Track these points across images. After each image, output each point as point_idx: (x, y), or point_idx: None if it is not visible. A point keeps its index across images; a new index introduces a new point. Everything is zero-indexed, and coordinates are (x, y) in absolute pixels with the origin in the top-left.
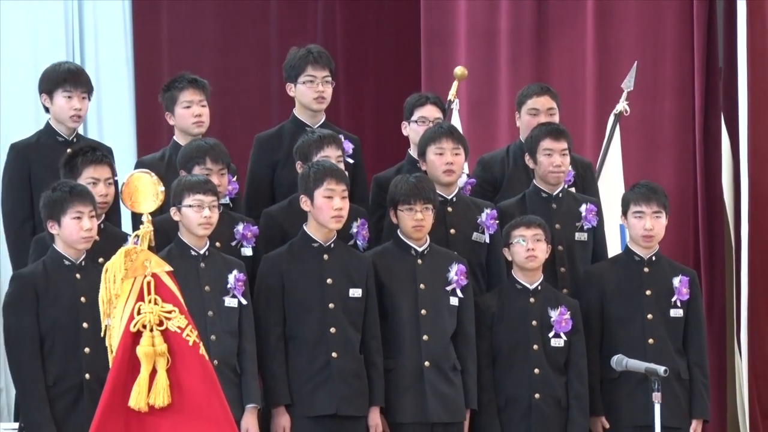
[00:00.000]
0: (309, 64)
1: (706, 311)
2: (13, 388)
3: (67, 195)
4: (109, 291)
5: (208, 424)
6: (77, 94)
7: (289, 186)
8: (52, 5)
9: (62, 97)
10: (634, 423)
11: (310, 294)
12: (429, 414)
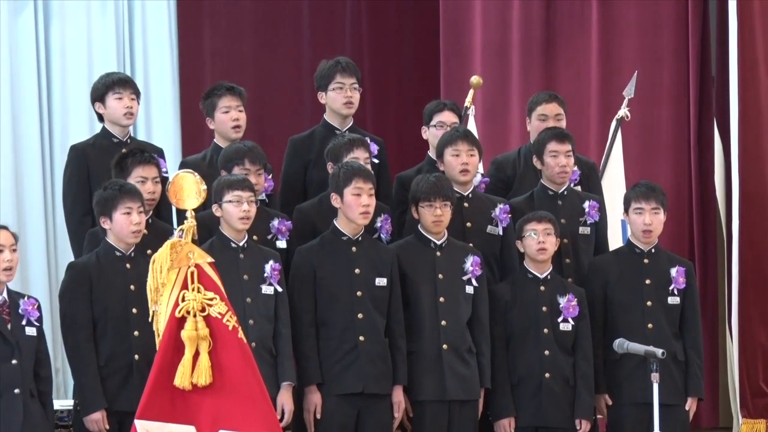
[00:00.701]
0: (338, 73)
1: (700, 299)
2: (69, 369)
3: (117, 193)
4: (156, 280)
5: (246, 401)
6: (127, 95)
7: (320, 184)
8: (104, 22)
9: (114, 99)
10: (635, 400)
11: (339, 283)
12: (447, 392)
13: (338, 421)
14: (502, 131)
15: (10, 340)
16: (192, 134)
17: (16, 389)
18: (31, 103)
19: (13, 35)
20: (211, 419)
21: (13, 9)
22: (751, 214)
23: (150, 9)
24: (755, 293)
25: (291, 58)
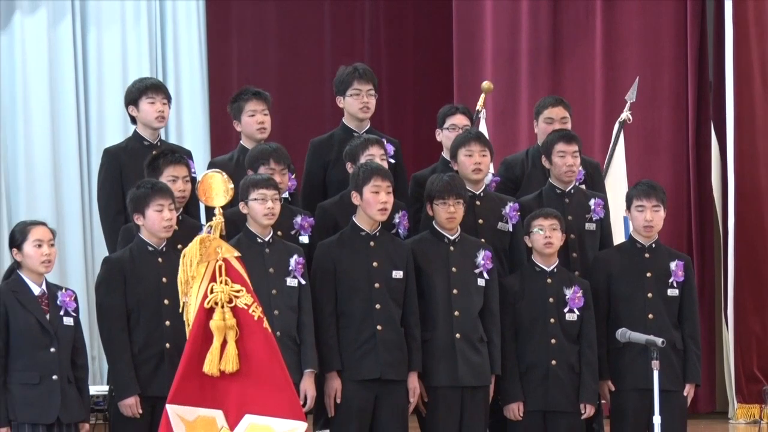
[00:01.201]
0: (355, 80)
1: (698, 291)
2: (104, 356)
3: (149, 191)
4: (186, 273)
5: (271, 387)
6: (159, 99)
7: (339, 183)
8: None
9: (146, 103)
10: (636, 386)
11: (358, 275)
12: (460, 379)
13: (357, 406)
14: (512, 133)
15: (48, 329)
16: (220, 136)
17: (55, 375)
18: (69, 107)
19: (52, 42)
20: (237, 404)
21: (52, 17)
22: (746, 211)
23: (181, 18)
24: (749, 286)
25: (312, 65)
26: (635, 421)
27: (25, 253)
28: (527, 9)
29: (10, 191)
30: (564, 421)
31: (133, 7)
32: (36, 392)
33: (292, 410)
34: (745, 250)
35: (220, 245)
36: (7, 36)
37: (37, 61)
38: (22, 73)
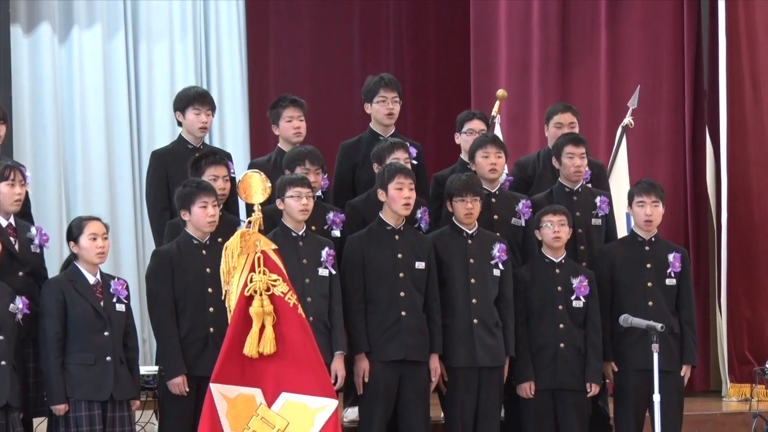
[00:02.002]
0: (381, 88)
1: (694, 280)
2: (154, 339)
3: (195, 189)
4: (228, 264)
5: (305, 367)
6: (204, 111)
7: (366, 182)
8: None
9: (192, 114)
10: (637, 367)
11: (384, 266)
12: (477, 360)
13: (383, 384)
14: (524, 137)
15: (102, 315)
16: (259, 139)
17: (108, 357)
18: (122, 113)
19: (107, 54)
20: (274, 383)
21: (107, 32)
22: (738, 208)
23: (223, 32)
24: (741, 275)
25: (342, 75)
26: (637, 399)
27: (81, 245)
28: (538, 24)
29: (68, 189)
30: (571, 399)
31: (180, 22)
32: (91, 372)
33: (324, 388)
34: (737, 243)
35: (259, 239)
36: (66, 48)
37: (93, 71)
38: (79, 81)
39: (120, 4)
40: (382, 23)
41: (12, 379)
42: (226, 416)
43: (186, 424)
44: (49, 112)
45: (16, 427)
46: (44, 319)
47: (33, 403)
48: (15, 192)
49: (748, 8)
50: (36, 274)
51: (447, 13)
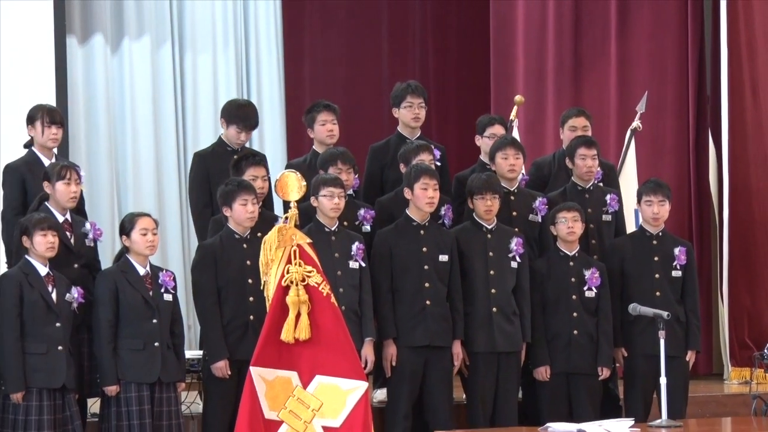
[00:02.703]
0: (408, 94)
1: (698, 272)
2: (198, 326)
3: (236, 188)
4: (266, 256)
5: (337, 352)
6: (245, 132)
7: (394, 182)
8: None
9: (234, 131)
10: (645, 352)
11: (411, 259)
12: (496, 345)
13: (409, 368)
14: (540, 139)
15: (151, 304)
16: (295, 142)
17: (156, 342)
18: (168, 117)
19: (155, 63)
20: (309, 366)
21: (155, 42)
22: (738, 205)
23: (262, 43)
24: (741, 267)
25: (372, 82)
26: (645, 382)
27: (132, 239)
28: (553, 35)
29: (119, 187)
30: (584, 382)
31: (222, 34)
32: (140, 356)
33: (355, 372)
34: (738, 237)
35: (295, 233)
36: (118, 58)
37: (142, 78)
38: (130, 88)
39: (167, 16)
40: (408, 35)
41: (68, 362)
42: (265, 397)
43: (228, 404)
44: (101, 116)
45: (71, 407)
46: (98, 308)
47: (87, 384)
48: (71, 190)
49: (747, 21)
50: (90, 266)
51: (468, 25)
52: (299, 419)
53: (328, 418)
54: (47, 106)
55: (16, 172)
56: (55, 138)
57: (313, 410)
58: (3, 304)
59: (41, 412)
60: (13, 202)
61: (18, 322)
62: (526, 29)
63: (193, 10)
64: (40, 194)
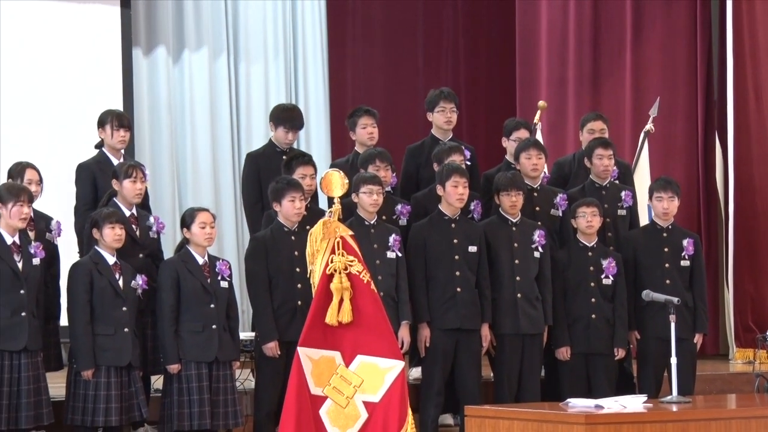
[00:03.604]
0: (441, 100)
1: (705, 261)
2: (251, 310)
3: (285, 185)
4: (312, 247)
5: (376, 334)
6: (292, 132)
7: (428, 179)
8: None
9: (282, 132)
10: (657, 335)
11: (443, 249)
12: (521, 328)
13: (442, 349)
14: (561, 141)
15: (209, 290)
16: (338, 143)
17: (214, 325)
18: (224, 122)
19: (212, 72)
20: (351, 347)
21: (212, 53)
22: (742, 201)
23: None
24: (745, 257)
25: (408, 89)
26: (656, 361)
27: (192, 232)
28: (573, 46)
29: (180, 185)
30: (601, 361)
31: (273, 45)
32: (200, 338)
33: (392, 352)
34: (742, 230)
35: (338, 226)
36: (179, 68)
37: (200, 86)
38: (189, 95)
39: (223, 30)
40: (441, 47)
41: (133, 343)
42: (311, 374)
43: (278, 381)
44: (164, 120)
45: (136, 383)
46: (160, 294)
47: (151, 363)
48: (137, 187)
49: (751, 32)
50: (154, 256)
51: (496, 37)
52: (342, 395)
53: (368, 393)
54: (116, 111)
55: (88, 171)
56: (123, 140)
57: (355, 387)
58: (75, 291)
59: (109, 387)
60: (85, 197)
61: (88, 307)
62: (548, 41)
63: (247, 24)
64: (109, 191)
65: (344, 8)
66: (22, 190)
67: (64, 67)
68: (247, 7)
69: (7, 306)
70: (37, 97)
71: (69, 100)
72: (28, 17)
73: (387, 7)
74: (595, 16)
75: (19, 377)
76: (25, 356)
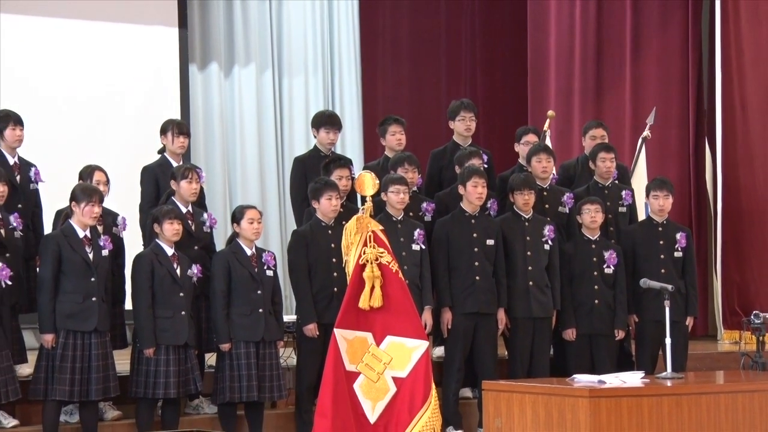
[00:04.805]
0: (462, 109)
1: (696, 253)
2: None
3: (323, 185)
4: (347, 240)
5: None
6: (333, 131)
7: (450, 180)
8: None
9: (324, 132)
10: (653, 318)
11: (463, 242)
12: (532, 312)
13: (462, 330)
14: (568, 146)
15: (256, 278)
16: (370, 148)
17: (260, 309)
18: (269, 129)
19: (259, 86)
20: (381, 328)
21: (259, 68)
22: (729, 199)
23: (344, 69)
24: (732, 248)
25: (432, 100)
26: (653, 341)
27: (241, 227)
28: (579, 62)
29: (230, 185)
30: (604, 342)
31: (312, 61)
32: (248, 320)
33: (418, 333)
34: (729, 225)
35: (370, 221)
36: (230, 81)
37: (249, 98)
38: (239, 106)
39: (269, 49)
40: (461, 62)
41: (189, 325)
42: (346, 353)
43: (317, 358)
44: (216, 128)
45: (192, 360)
46: (213, 281)
47: (205, 342)
48: (192, 187)
49: (738, 49)
50: (207, 248)
51: (510, 53)
52: (373, 371)
53: (396, 369)
54: (176, 120)
55: (151, 173)
56: (183, 145)
57: (385, 364)
58: (138, 278)
59: (168, 364)
60: (149, 196)
61: (150, 293)
62: (557, 57)
63: (290, 42)
64: (168, 190)
65: (375, 29)
66: (95, 192)
67: (130, 82)
68: (290, 28)
69: (80, 292)
70: (106, 108)
71: (134, 110)
72: (100, 39)
73: (413, 28)
74: (598, 36)
75: (89, 354)
76: (95, 336)
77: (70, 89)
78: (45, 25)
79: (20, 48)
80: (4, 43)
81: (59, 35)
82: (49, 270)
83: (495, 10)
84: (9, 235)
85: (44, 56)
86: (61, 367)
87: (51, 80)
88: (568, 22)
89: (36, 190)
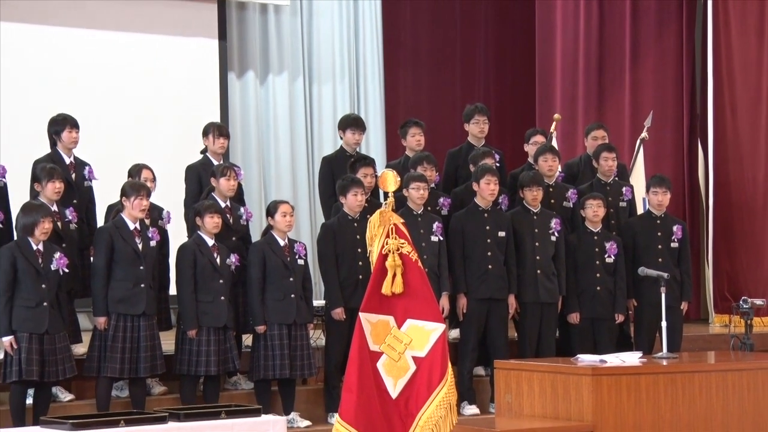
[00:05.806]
0: (476, 113)
1: (690, 244)
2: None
3: (349, 182)
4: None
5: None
6: (358, 132)
7: (465, 178)
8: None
9: (350, 134)
10: (651, 303)
11: (477, 234)
12: (540, 297)
13: (476, 314)
14: (572, 146)
15: (289, 267)
16: (392, 149)
17: (292, 294)
18: (301, 132)
19: (292, 92)
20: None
21: (292, 76)
22: (720, 194)
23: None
24: (722, 240)
25: (448, 104)
26: (650, 324)
27: (275, 220)
28: (582, 69)
29: (265, 182)
30: (605, 325)
31: (339, 70)
32: (281, 304)
33: (435, 316)
34: (720, 218)
35: (392, 215)
36: (265, 88)
37: (282, 103)
38: (273, 110)
39: (300, 58)
40: (475, 70)
41: (228, 308)
42: (370, 334)
43: (343, 340)
44: (252, 131)
45: (230, 341)
46: (250, 269)
47: (242, 325)
48: (230, 184)
49: (728, 57)
50: (244, 239)
51: (519, 61)
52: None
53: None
54: (217, 123)
55: (195, 171)
56: (223, 146)
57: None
58: (181, 267)
59: (209, 344)
60: (192, 192)
61: (192, 280)
62: (562, 64)
63: (319, 53)
64: (208, 187)
65: (397, 40)
66: (143, 187)
67: (175, 89)
68: (319, 39)
69: (130, 279)
70: (154, 112)
71: (178, 114)
72: (149, 50)
73: (431, 38)
74: (600, 45)
75: (138, 336)
76: (143, 319)
77: (123, 95)
78: (105, 39)
79: (84, 60)
80: (75, 57)
81: (117, 48)
82: (102, 259)
83: (506, 23)
84: (65, 227)
85: (104, 66)
86: (113, 346)
87: (107, 87)
88: (573, 33)
89: (90, 187)
